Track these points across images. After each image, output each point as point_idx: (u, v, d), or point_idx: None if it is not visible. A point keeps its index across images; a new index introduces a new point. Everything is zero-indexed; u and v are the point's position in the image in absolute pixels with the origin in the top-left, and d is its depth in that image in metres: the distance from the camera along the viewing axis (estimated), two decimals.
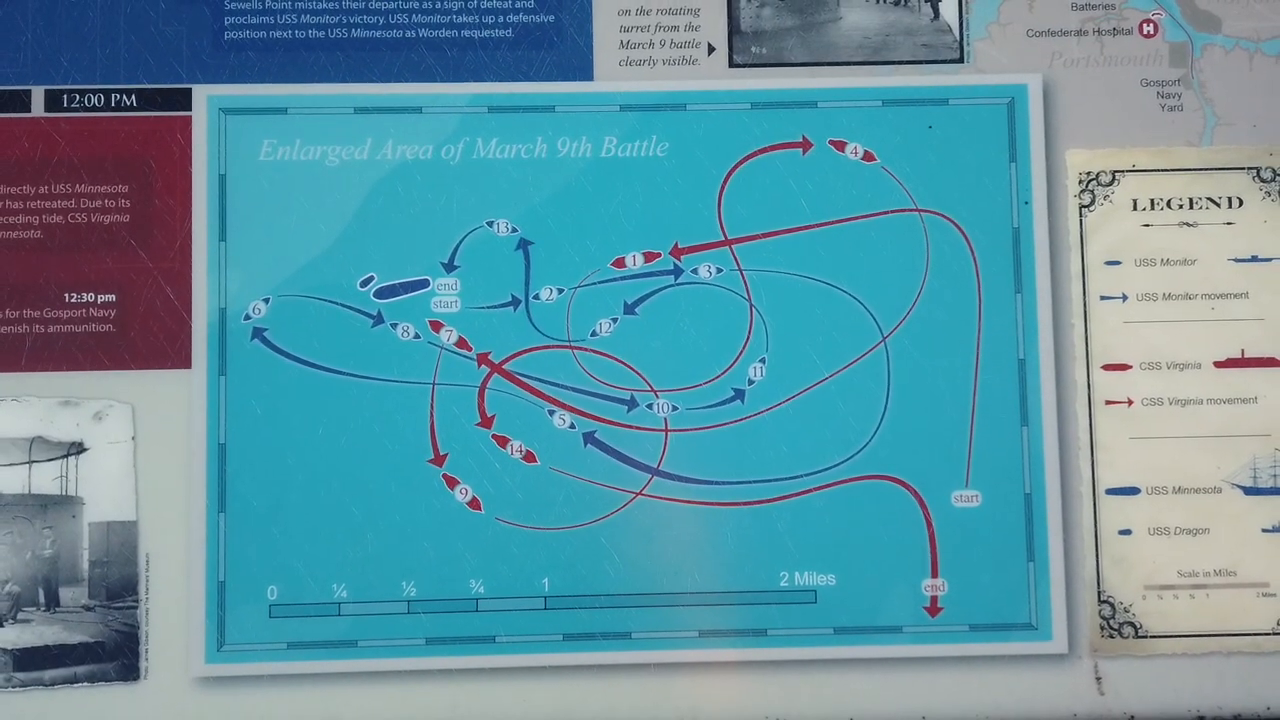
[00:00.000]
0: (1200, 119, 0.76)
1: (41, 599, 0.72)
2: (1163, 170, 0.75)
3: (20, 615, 0.72)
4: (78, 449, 0.73)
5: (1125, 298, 0.74)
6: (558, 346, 0.74)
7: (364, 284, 0.74)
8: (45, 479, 0.73)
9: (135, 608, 0.72)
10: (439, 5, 0.77)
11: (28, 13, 0.76)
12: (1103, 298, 0.75)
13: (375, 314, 0.74)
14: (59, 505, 0.72)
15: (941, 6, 0.77)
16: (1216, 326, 0.74)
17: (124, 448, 0.73)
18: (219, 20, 0.77)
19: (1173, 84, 0.77)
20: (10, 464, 0.72)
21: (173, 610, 0.72)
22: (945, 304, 0.75)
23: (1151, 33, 0.77)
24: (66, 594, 0.72)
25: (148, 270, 0.74)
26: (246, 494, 0.72)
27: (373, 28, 0.77)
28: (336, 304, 0.74)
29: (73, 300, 0.74)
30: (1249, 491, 0.73)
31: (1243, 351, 0.74)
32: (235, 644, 0.72)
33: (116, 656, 0.71)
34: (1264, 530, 0.73)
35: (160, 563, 0.72)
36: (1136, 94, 0.77)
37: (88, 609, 0.72)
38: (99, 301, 0.74)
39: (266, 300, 0.74)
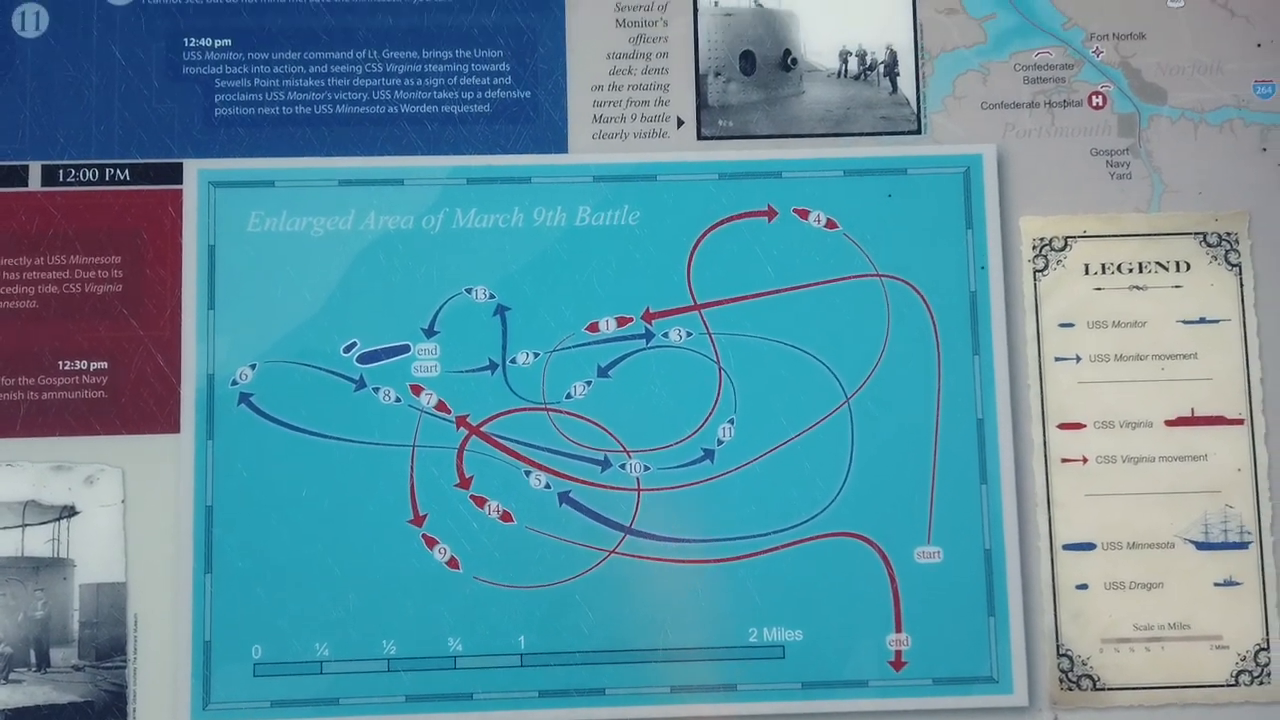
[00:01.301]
0: (1148, 186, 0.67)
1: (33, 659, 0.63)
2: (1113, 236, 0.66)
3: (12, 675, 0.62)
4: (69, 512, 0.63)
5: (1079, 359, 0.65)
6: (534, 409, 0.65)
7: (347, 349, 0.65)
8: (38, 542, 0.63)
9: (124, 667, 0.63)
10: (420, 82, 0.68)
11: (26, 92, 0.67)
12: (1057, 359, 0.65)
13: (358, 379, 0.65)
14: (50, 567, 0.63)
15: (899, 81, 0.68)
16: (1167, 386, 0.65)
17: (114, 511, 0.63)
18: (209, 98, 0.68)
19: (1121, 153, 0.68)
20: (4, 527, 0.63)
21: (160, 670, 0.63)
22: (906, 366, 0.65)
23: (1100, 104, 0.68)
24: (57, 654, 0.63)
25: (139, 338, 0.65)
26: (232, 555, 0.63)
27: (356, 104, 0.68)
28: (320, 369, 0.65)
29: (66, 367, 0.65)
30: (1201, 546, 0.64)
31: (1193, 410, 0.65)
32: (221, 702, 0.62)
33: (105, 716, 0.62)
34: (1216, 584, 0.64)
35: (148, 623, 0.63)
36: (1087, 163, 0.68)
37: (77, 669, 0.63)
38: (91, 369, 0.65)
39: (253, 366, 0.65)
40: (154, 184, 0.67)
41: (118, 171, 0.67)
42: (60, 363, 0.65)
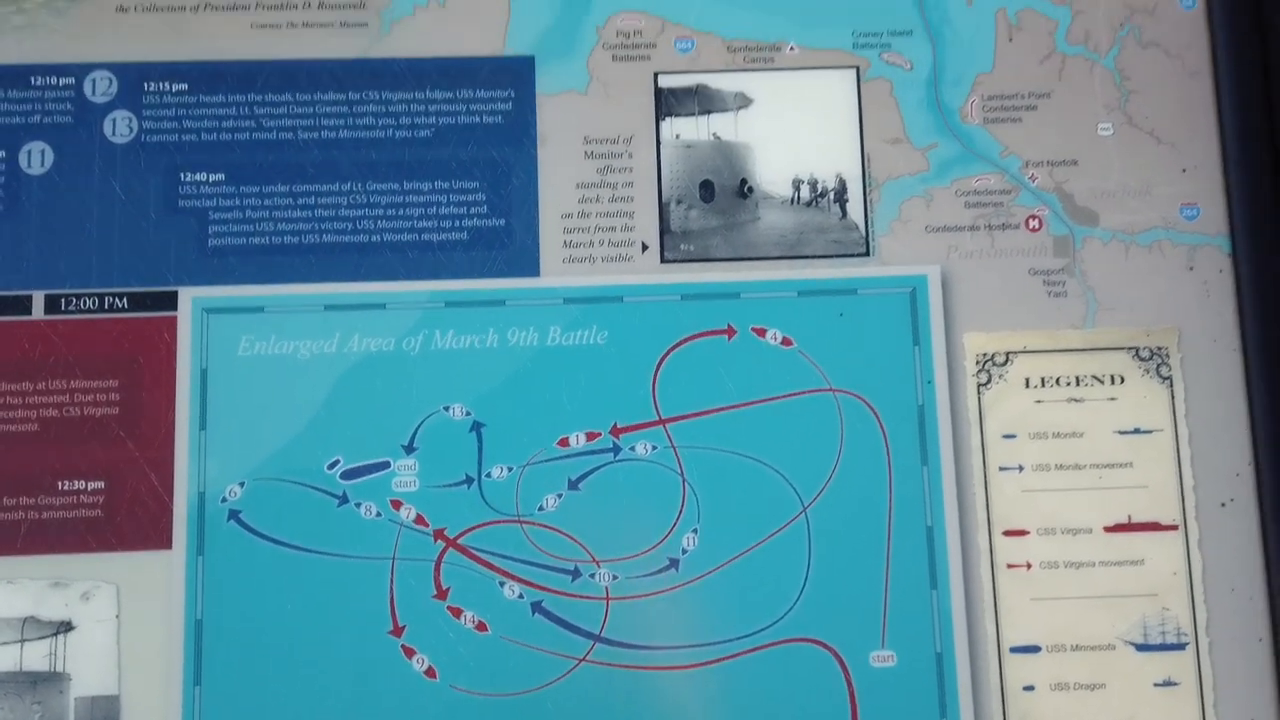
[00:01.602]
0: (1083, 304, 0.70)
1: None
2: (1051, 351, 0.69)
3: None
4: (66, 628, 0.65)
5: (1022, 468, 0.67)
6: (507, 521, 0.67)
7: (331, 466, 0.67)
8: (36, 656, 0.65)
9: None
10: (402, 212, 0.71)
11: (31, 225, 0.70)
12: (1001, 468, 0.67)
13: (341, 494, 0.67)
14: (47, 681, 0.64)
15: (848, 206, 0.71)
16: (1105, 494, 0.67)
17: (109, 625, 0.65)
18: (204, 229, 0.70)
19: (1057, 273, 0.70)
20: (3, 643, 0.64)
21: None
22: (859, 476, 0.67)
23: (1037, 227, 0.71)
24: None
25: (134, 459, 0.67)
26: (221, 667, 0.64)
27: (342, 233, 0.71)
28: (306, 486, 0.67)
29: (65, 488, 0.67)
30: (1140, 648, 0.65)
31: (1129, 517, 0.67)
32: None
33: None
34: (1155, 684, 0.65)
35: None
36: (1025, 282, 0.70)
37: None
38: (89, 489, 0.67)
39: (242, 484, 0.67)
40: (151, 311, 0.69)
41: (116, 300, 0.69)
42: (59, 483, 0.67)
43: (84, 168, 0.71)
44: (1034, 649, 0.65)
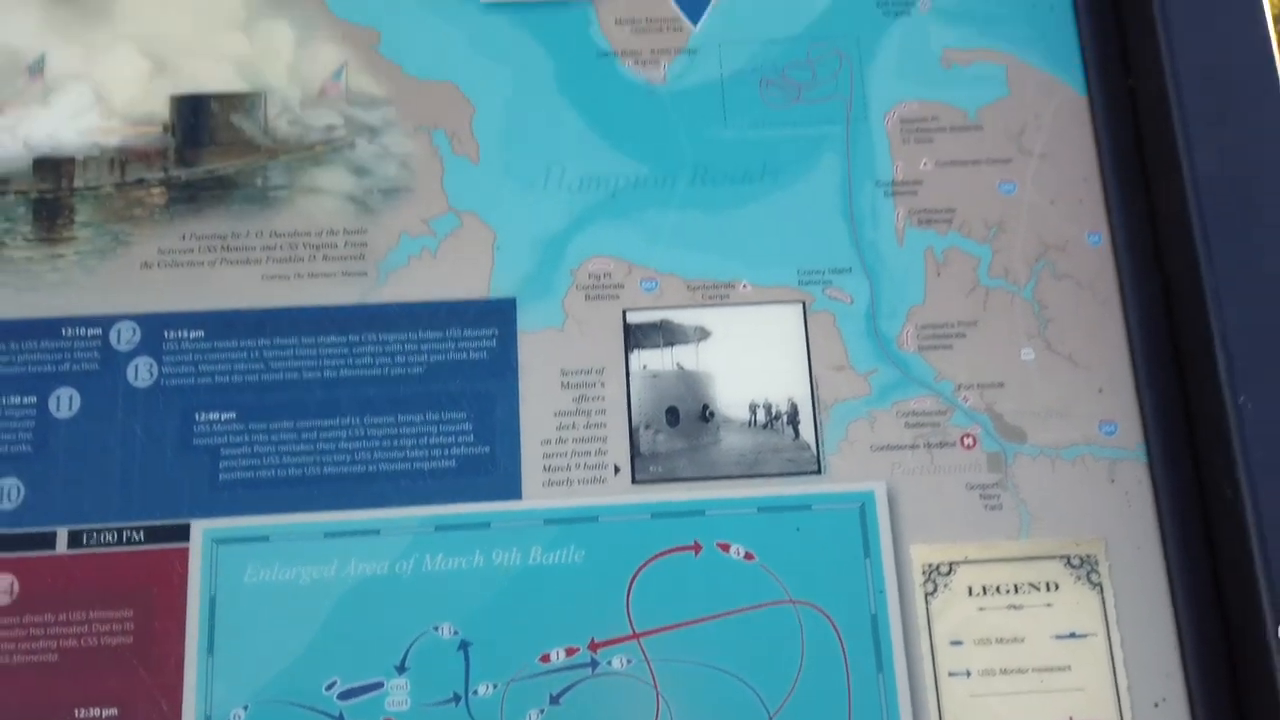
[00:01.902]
0: (1017, 516, 0.75)
1: None
2: (990, 560, 0.74)
3: None
4: None
5: (969, 673, 0.72)
6: None
7: (328, 687, 0.71)
8: None
9: None
10: (396, 443, 0.77)
11: (58, 465, 0.75)
12: (950, 674, 0.72)
13: (338, 715, 0.71)
14: None
15: (800, 428, 0.77)
16: (1046, 697, 0.71)
17: None
18: (215, 464, 0.76)
19: (992, 487, 0.76)
20: None
21: None
22: (820, 684, 0.71)
23: (971, 445, 0.77)
24: None
25: (146, 685, 0.71)
26: None
27: (341, 464, 0.76)
28: (304, 707, 0.71)
29: (80, 715, 0.70)
30: None
31: (1070, 718, 0.70)
32: None
33: None
34: None
35: None
36: (963, 496, 0.76)
37: None
38: (103, 716, 0.70)
39: (245, 707, 0.70)
40: (164, 543, 0.74)
41: (133, 533, 0.74)
42: (76, 710, 0.70)
43: (108, 411, 0.77)
44: None
